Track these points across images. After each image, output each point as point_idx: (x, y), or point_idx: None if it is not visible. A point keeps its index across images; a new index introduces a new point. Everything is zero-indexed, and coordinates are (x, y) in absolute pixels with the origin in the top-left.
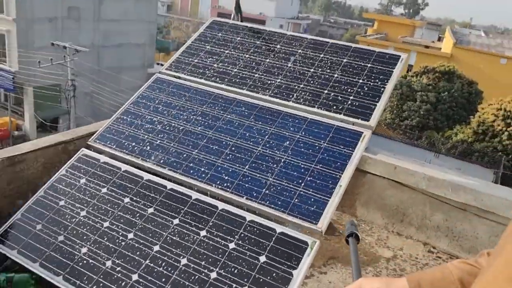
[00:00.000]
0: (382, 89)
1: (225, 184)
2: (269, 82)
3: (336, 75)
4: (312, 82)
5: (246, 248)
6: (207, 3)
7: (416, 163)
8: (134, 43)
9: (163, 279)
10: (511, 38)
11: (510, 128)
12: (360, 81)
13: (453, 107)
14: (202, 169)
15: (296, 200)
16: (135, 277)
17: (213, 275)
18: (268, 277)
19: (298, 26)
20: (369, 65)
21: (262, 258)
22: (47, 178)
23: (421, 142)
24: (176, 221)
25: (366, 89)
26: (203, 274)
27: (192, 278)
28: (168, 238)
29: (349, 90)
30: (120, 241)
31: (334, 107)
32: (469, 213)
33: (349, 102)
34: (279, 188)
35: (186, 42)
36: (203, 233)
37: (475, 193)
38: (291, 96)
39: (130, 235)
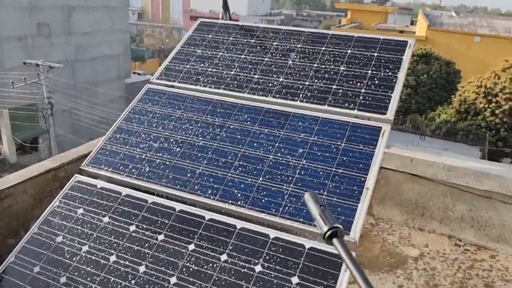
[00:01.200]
0: (394, 79)
1: (239, 200)
2: (270, 82)
3: (342, 68)
4: (317, 78)
5: (275, 269)
6: (178, 7)
7: (433, 153)
8: (109, 54)
9: None
10: (482, 16)
11: (492, 105)
12: (369, 72)
13: (433, 89)
14: (212, 186)
15: None
16: None
17: None
18: None
19: (272, 22)
20: (375, 54)
21: (295, 279)
22: (39, 211)
23: (405, 126)
24: (191, 247)
25: (377, 80)
26: None
27: None
28: (184, 268)
29: (358, 83)
30: (130, 277)
31: (346, 103)
32: (494, 200)
33: (361, 96)
34: (299, 198)
35: (163, 47)
36: (223, 257)
37: (500, 179)
38: (297, 95)
39: (142, 268)
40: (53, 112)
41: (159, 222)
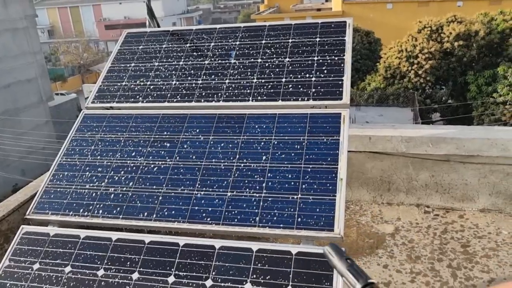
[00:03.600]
0: (342, 62)
1: (212, 218)
2: (217, 85)
3: (287, 60)
4: (264, 73)
5: (266, 284)
6: (91, 18)
7: (389, 127)
8: (25, 79)
9: None
10: None
11: (414, 66)
12: (316, 59)
13: (358, 60)
14: (179, 208)
15: (300, 210)
16: None
17: None
18: None
19: (190, 19)
20: (317, 39)
21: None
22: None
23: None
24: (171, 279)
25: (325, 67)
26: None
27: None
28: None
29: (307, 74)
30: None
31: (300, 96)
32: (453, 162)
33: (313, 85)
34: (274, 203)
35: (82, 62)
36: (209, 283)
37: (457, 141)
38: (247, 95)
39: None
40: None
41: (129, 259)
